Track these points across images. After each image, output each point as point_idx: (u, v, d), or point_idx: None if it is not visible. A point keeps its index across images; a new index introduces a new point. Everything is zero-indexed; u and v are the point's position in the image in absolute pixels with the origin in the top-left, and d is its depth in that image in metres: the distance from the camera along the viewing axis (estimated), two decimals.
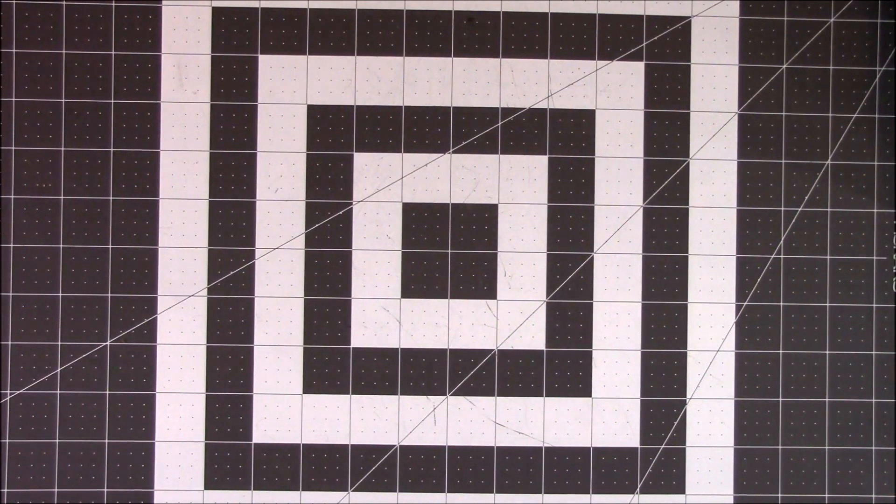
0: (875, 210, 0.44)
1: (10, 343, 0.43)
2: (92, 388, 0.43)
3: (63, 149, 0.43)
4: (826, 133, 0.44)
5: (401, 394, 0.43)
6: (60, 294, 0.43)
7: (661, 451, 0.44)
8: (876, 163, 0.44)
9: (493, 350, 0.44)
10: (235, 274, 0.43)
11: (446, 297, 0.44)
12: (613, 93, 0.44)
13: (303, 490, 0.43)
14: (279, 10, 0.44)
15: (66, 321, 0.43)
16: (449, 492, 0.43)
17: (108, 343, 0.43)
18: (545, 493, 0.43)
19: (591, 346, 0.44)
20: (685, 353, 0.44)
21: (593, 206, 0.44)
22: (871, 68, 0.45)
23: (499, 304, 0.44)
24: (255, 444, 0.43)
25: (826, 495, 0.44)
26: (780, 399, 0.44)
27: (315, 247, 0.44)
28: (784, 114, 0.44)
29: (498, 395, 0.44)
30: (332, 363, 0.43)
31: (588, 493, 0.43)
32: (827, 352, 0.44)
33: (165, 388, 0.43)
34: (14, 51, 0.43)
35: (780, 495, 0.44)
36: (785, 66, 0.44)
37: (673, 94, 0.44)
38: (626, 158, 0.44)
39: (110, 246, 0.43)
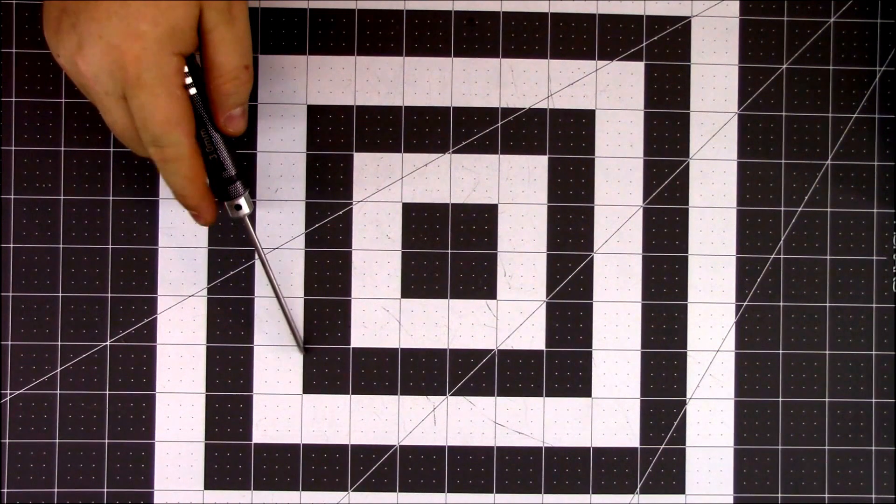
0: (875, 210, 0.44)
1: (10, 343, 0.43)
2: (92, 388, 0.43)
3: (63, 149, 0.43)
4: (826, 133, 0.44)
5: (401, 394, 0.43)
6: (60, 294, 0.43)
7: (661, 452, 0.44)
8: (876, 163, 0.44)
9: (493, 350, 0.44)
10: (235, 274, 0.43)
11: (446, 297, 0.44)
12: (613, 93, 0.44)
13: (303, 490, 0.43)
14: (279, 10, 0.44)
15: (66, 321, 0.43)
16: (449, 492, 0.43)
17: (108, 343, 0.43)
18: (545, 493, 0.43)
19: (591, 346, 0.44)
20: (685, 353, 0.44)
21: (593, 206, 0.44)
22: (871, 68, 0.45)
23: (499, 304, 0.44)
24: (254, 444, 0.43)
25: (826, 495, 0.44)
26: (780, 399, 0.44)
27: (315, 247, 0.44)
28: (784, 114, 0.44)
29: (498, 395, 0.44)
30: (332, 363, 0.43)
31: (588, 493, 0.43)
32: (827, 352, 0.44)
33: (165, 388, 0.43)
34: (14, 51, 0.43)
35: (780, 495, 0.44)
36: (785, 66, 0.44)
37: (673, 94, 0.44)
38: (626, 158, 0.44)
39: (110, 246, 0.43)
